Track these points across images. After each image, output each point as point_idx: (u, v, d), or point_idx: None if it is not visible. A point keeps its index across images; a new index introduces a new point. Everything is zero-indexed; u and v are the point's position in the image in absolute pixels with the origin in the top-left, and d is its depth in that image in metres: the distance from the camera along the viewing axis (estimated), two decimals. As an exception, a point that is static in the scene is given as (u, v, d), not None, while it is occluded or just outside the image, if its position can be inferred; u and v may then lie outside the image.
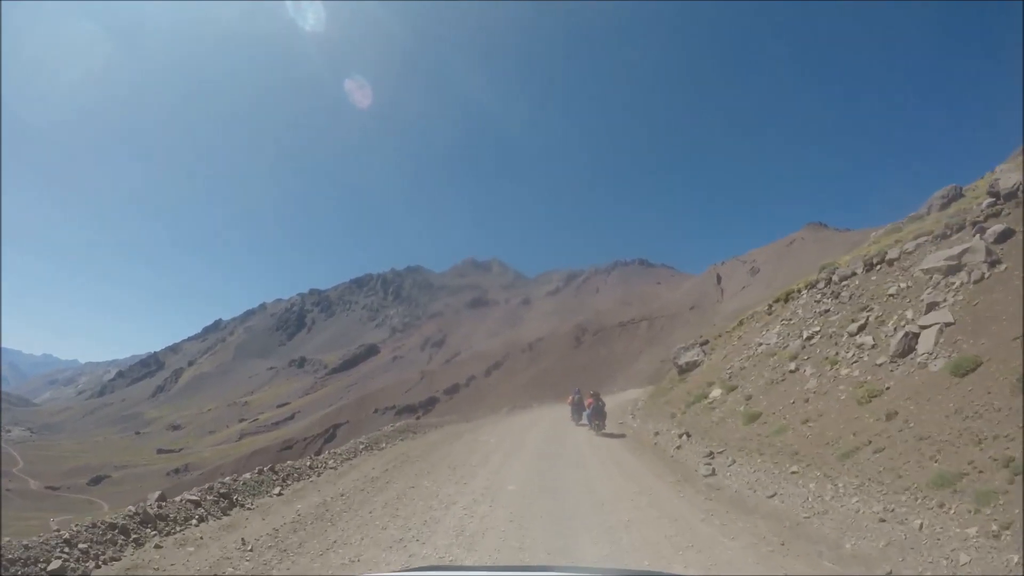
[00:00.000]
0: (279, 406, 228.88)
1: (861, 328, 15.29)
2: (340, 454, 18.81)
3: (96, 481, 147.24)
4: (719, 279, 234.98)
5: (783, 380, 16.69)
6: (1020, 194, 15.42)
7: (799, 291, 22.96)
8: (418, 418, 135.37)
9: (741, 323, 28.85)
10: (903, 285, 15.39)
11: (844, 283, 18.49)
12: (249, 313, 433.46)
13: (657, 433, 20.99)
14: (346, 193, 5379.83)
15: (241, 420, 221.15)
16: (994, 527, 7.38)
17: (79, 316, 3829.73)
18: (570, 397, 31.73)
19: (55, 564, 7.11)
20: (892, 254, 17.12)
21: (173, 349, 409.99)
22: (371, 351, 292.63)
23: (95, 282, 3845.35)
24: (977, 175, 29.44)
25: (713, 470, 14.06)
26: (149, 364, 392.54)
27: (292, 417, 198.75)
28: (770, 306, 25.64)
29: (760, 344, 20.97)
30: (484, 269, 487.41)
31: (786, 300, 23.99)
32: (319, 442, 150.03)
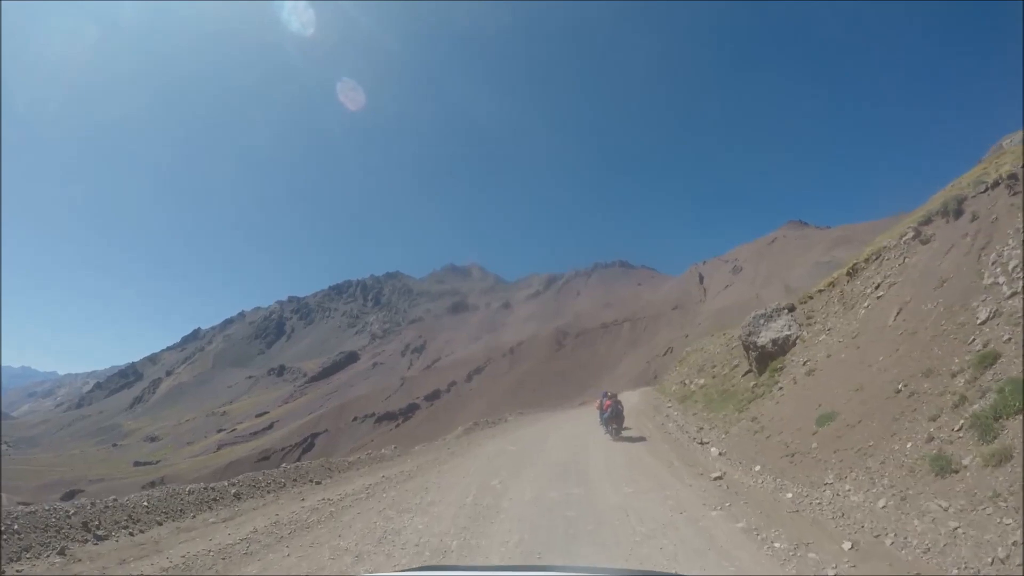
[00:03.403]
0: (258, 415, 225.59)
1: None
2: None
3: (69, 496, 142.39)
4: (701, 279, 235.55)
5: None
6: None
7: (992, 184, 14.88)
8: (397, 425, 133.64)
9: (853, 270, 19.90)
10: None
11: None
12: (228, 322, 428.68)
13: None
14: (325, 199, 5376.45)
15: (219, 430, 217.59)
16: None
17: (58, 327, 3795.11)
18: (597, 400, 26.13)
19: None
20: None
21: (151, 359, 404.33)
22: (351, 358, 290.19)
23: (74, 293, 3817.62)
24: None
25: None
26: (127, 375, 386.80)
27: (271, 427, 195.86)
28: (918, 231, 16.95)
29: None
30: (464, 274, 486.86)
31: (952, 214, 15.69)
32: (297, 452, 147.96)
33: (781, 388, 17.20)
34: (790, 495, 11.00)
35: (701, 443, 17.46)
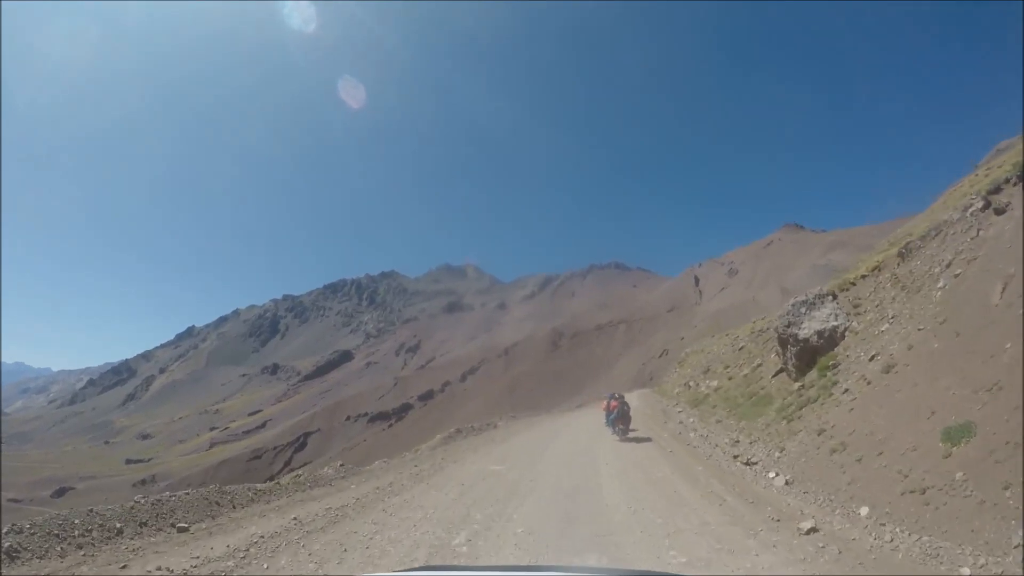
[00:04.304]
0: (251, 414, 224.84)
1: None
2: None
3: (60, 493, 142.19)
4: (697, 281, 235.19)
5: None
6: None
7: None
8: (390, 425, 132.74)
9: (906, 250, 16.92)
10: None
11: None
12: (222, 319, 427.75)
13: None
14: (322, 198, 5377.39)
15: (212, 428, 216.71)
16: None
17: (53, 324, 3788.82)
18: (603, 402, 24.80)
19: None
20: None
21: (145, 356, 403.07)
22: (345, 357, 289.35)
23: (69, 289, 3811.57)
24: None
25: None
26: (121, 372, 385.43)
27: (263, 425, 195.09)
28: (988, 200, 14.75)
29: None
30: (459, 274, 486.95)
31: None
32: (289, 451, 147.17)
33: (847, 390, 13.64)
34: (967, 572, 6.90)
35: (747, 463, 13.76)
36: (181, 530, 10.44)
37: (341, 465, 18.70)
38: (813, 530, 8.79)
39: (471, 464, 18.30)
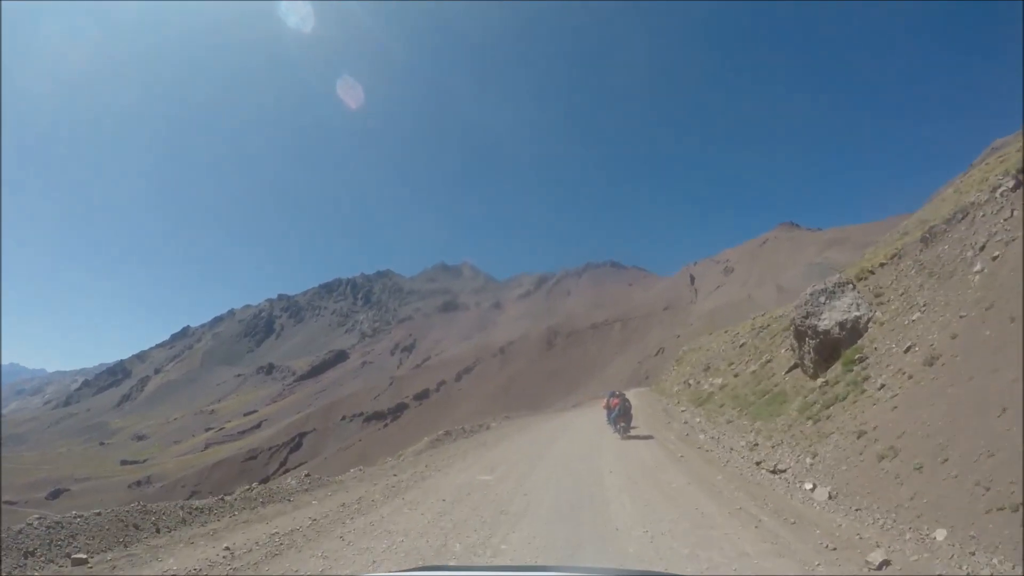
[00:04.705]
0: (246, 414, 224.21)
1: None
2: None
3: (55, 495, 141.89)
4: (692, 279, 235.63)
5: None
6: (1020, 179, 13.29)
7: None
8: (386, 425, 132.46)
9: (930, 235, 15.76)
10: None
11: None
12: (217, 319, 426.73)
13: None
14: (317, 197, 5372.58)
15: (207, 429, 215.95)
16: None
17: (47, 324, 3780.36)
18: (604, 400, 24.73)
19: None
20: None
21: (140, 357, 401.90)
22: (340, 357, 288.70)
23: (63, 289, 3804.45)
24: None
25: None
26: (116, 373, 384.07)
27: (259, 426, 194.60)
28: (1019, 180, 13.87)
29: None
30: (455, 273, 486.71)
31: None
32: (284, 452, 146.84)
33: (883, 386, 12.21)
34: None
35: (774, 471, 12.17)
36: (77, 562, 8.46)
37: (306, 475, 16.31)
38: (886, 563, 6.98)
39: (457, 473, 16.24)
